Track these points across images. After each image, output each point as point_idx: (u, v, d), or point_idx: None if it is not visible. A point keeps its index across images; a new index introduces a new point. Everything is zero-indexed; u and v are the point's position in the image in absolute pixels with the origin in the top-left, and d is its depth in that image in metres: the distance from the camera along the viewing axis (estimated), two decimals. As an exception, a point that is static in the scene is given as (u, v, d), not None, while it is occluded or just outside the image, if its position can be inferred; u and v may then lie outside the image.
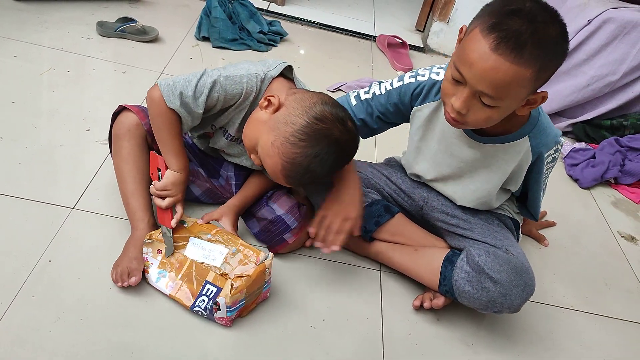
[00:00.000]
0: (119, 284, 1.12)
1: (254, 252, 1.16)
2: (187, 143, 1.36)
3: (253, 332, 1.13)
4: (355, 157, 1.20)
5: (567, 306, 1.41)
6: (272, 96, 1.13)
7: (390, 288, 1.32)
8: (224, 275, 1.12)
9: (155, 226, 1.22)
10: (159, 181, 1.20)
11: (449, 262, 1.22)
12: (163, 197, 1.19)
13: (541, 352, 1.26)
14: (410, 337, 1.21)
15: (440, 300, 1.23)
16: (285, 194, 1.33)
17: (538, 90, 1.01)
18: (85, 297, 1.10)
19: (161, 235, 1.16)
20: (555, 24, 0.94)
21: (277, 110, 1.12)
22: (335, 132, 1.08)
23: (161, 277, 1.15)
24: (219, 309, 1.08)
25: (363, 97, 1.30)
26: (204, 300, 1.10)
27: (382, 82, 1.29)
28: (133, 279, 1.12)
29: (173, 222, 1.18)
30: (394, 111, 1.27)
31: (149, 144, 1.24)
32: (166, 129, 1.16)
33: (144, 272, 1.16)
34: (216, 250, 1.16)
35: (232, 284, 1.07)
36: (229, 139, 1.27)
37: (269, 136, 1.10)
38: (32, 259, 1.15)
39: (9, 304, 1.05)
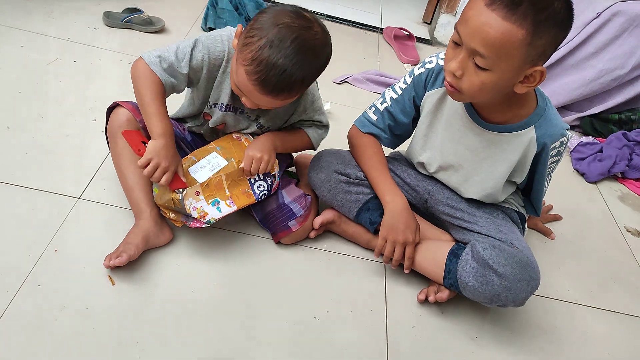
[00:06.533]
0: (105, 262, 1.11)
1: (241, 135, 1.28)
2: (185, 139, 1.36)
3: (257, 323, 1.14)
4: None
5: (571, 300, 1.41)
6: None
7: (395, 280, 1.32)
8: (239, 162, 1.22)
9: (158, 216, 1.23)
10: None
11: (454, 255, 1.22)
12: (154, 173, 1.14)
13: (545, 346, 1.26)
14: (414, 330, 1.22)
15: (444, 294, 1.23)
16: (293, 184, 1.35)
17: (536, 68, 1.00)
18: (90, 287, 1.11)
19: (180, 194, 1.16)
20: None
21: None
22: (284, 18, 1.05)
23: (220, 205, 1.18)
24: (275, 178, 1.27)
25: (381, 107, 1.31)
26: (262, 185, 1.24)
27: (394, 84, 1.30)
28: (118, 259, 1.10)
29: (185, 185, 1.17)
30: (414, 106, 1.28)
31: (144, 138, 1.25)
32: (148, 90, 1.14)
33: (203, 216, 1.17)
34: (211, 159, 1.21)
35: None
36: (222, 109, 1.25)
37: (233, 60, 1.11)
38: (38, 249, 1.15)
39: (15, 293, 1.06)
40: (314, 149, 1.38)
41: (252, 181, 1.23)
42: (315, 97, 1.30)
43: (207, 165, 1.20)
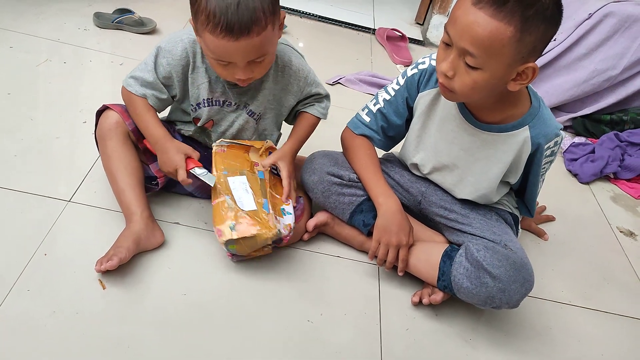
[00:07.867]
0: (96, 266, 1.10)
1: (216, 146, 1.27)
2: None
3: (250, 327, 1.13)
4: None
5: (565, 301, 1.41)
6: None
7: (389, 283, 1.32)
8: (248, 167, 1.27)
9: (149, 218, 1.22)
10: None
11: (448, 257, 1.21)
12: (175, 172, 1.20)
13: (539, 347, 1.26)
14: (408, 332, 1.21)
15: (438, 296, 1.23)
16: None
17: (528, 65, 0.99)
18: (80, 291, 1.09)
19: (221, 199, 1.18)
20: None
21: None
22: None
23: (286, 210, 1.25)
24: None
25: (374, 109, 1.31)
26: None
27: (387, 85, 1.30)
28: (109, 263, 1.08)
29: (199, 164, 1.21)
30: (407, 108, 1.28)
31: (133, 141, 1.26)
32: (135, 110, 1.21)
33: (289, 227, 1.21)
34: (236, 184, 1.22)
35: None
36: (205, 104, 1.25)
37: (201, 43, 1.13)
38: (27, 252, 1.14)
39: (4, 297, 1.04)
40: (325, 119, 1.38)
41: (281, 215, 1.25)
42: (306, 72, 1.29)
43: (237, 191, 1.20)
